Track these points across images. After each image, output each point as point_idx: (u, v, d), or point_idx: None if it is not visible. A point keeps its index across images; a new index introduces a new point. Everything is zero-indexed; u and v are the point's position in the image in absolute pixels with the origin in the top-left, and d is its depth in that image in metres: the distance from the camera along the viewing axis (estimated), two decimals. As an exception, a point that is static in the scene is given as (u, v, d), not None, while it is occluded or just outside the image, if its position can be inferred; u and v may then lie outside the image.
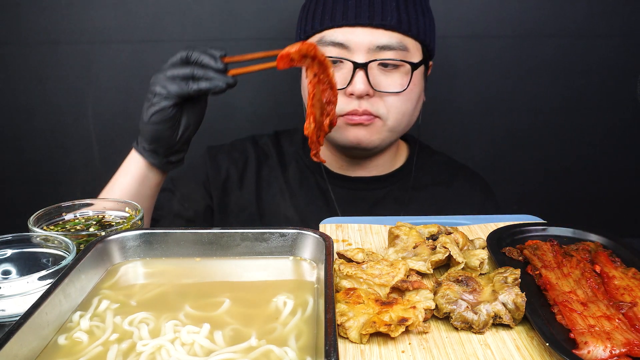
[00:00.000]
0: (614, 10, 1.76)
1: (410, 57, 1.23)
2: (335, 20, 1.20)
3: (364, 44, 1.19)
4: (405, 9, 1.22)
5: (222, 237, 0.88)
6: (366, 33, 1.19)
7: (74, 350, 0.67)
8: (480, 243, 0.92)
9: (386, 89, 1.22)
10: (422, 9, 1.26)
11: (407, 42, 1.22)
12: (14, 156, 1.85)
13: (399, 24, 1.20)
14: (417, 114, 1.33)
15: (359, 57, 1.19)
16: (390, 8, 1.20)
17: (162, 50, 1.77)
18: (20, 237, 0.90)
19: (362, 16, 1.19)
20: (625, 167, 1.93)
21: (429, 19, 1.28)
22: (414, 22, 1.22)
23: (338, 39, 1.20)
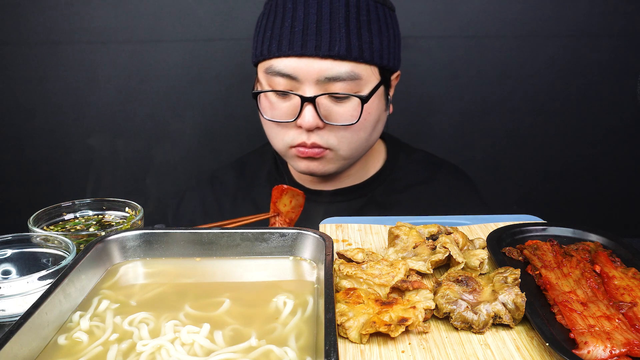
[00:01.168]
0: (614, 10, 1.76)
1: (364, 85, 1.17)
2: (282, 50, 1.14)
3: (312, 75, 1.13)
4: (357, 34, 1.14)
5: (222, 237, 0.88)
6: (314, 63, 1.13)
7: (74, 350, 0.67)
8: (480, 243, 0.92)
9: (337, 121, 1.17)
10: (378, 29, 1.17)
11: (360, 69, 1.15)
12: (14, 156, 1.85)
13: (349, 53, 1.13)
14: (377, 134, 1.28)
15: (307, 88, 1.14)
16: (338, 36, 1.13)
17: (162, 50, 1.78)
18: (20, 237, 0.90)
19: (309, 46, 1.12)
20: (625, 167, 1.93)
21: (387, 36, 1.20)
22: (367, 46, 1.15)
23: (285, 70, 1.14)
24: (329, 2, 1.14)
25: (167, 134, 1.86)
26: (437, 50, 1.80)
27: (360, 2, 1.16)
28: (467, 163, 1.90)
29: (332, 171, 1.26)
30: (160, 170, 1.91)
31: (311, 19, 1.13)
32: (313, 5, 1.14)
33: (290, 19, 1.14)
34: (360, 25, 1.15)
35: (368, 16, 1.16)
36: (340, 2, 1.14)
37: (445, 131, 1.89)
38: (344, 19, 1.14)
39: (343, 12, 1.14)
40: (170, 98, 1.82)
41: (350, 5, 1.15)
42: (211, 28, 1.75)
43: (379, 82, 1.19)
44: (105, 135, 1.85)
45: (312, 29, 1.13)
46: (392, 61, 1.22)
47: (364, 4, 1.16)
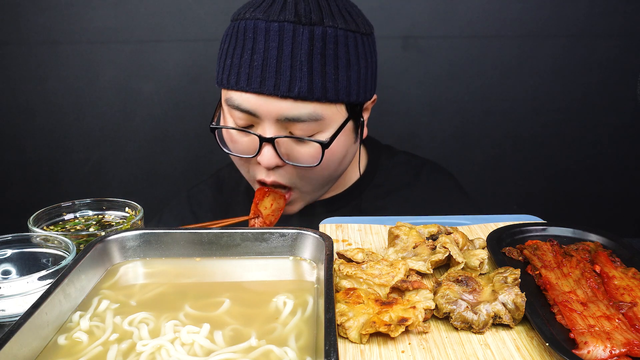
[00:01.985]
0: (614, 10, 1.76)
1: (328, 124, 1.09)
2: (240, 84, 1.06)
3: (271, 115, 1.06)
4: (321, 72, 1.05)
5: (222, 237, 0.88)
6: (273, 102, 1.05)
7: (74, 350, 0.67)
8: (480, 243, 0.92)
9: (298, 161, 1.10)
10: (346, 62, 1.07)
11: (323, 109, 1.07)
12: (14, 156, 1.85)
13: (310, 93, 1.04)
14: (345, 166, 1.21)
15: (267, 127, 1.08)
16: (300, 75, 1.03)
17: (162, 50, 1.78)
18: (20, 237, 0.90)
19: (267, 85, 1.04)
20: (625, 167, 1.93)
21: (357, 69, 1.10)
22: (332, 85, 1.06)
23: (243, 105, 1.07)
24: (292, 35, 1.04)
25: (166, 133, 1.86)
26: (437, 50, 1.80)
27: (327, 33, 1.05)
28: (468, 163, 1.91)
29: (301, 207, 1.23)
30: (160, 170, 1.91)
31: (271, 53, 1.04)
32: (274, 38, 1.04)
33: (250, 51, 1.06)
34: (326, 61, 1.05)
35: (335, 49, 1.06)
36: (303, 35, 1.04)
37: (445, 131, 1.89)
38: (306, 56, 1.04)
39: (306, 47, 1.04)
40: (170, 98, 1.82)
41: (315, 39, 1.04)
42: (211, 28, 1.75)
43: (345, 119, 1.12)
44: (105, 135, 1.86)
45: (271, 65, 1.04)
46: (362, 95, 1.13)
47: (332, 36, 1.05)
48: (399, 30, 1.77)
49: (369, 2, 1.74)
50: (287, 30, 1.04)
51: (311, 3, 1.06)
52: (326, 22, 1.05)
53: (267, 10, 1.06)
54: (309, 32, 1.04)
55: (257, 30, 1.06)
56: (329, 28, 1.05)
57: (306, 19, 1.04)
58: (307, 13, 1.05)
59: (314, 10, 1.05)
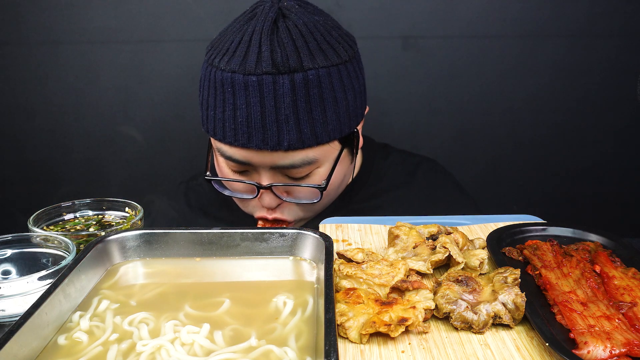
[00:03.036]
0: (614, 10, 1.76)
1: (324, 161, 1.09)
2: (227, 140, 1.04)
3: (264, 164, 1.05)
4: (308, 119, 1.02)
5: (222, 237, 0.88)
6: (264, 155, 1.04)
7: (74, 350, 0.67)
8: (480, 243, 0.92)
9: (298, 198, 1.11)
10: (333, 99, 1.03)
11: (315, 152, 1.06)
12: (14, 156, 1.85)
13: (300, 142, 1.02)
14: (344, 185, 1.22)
15: (262, 173, 1.08)
16: (287, 128, 1.00)
17: (162, 50, 1.78)
18: (20, 237, 0.90)
19: (255, 140, 1.01)
20: (626, 167, 1.93)
21: (344, 101, 1.06)
22: (321, 128, 1.03)
23: (235, 157, 1.06)
24: (272, 89, 0.99)
25: (167, 133, 1.86)
26: (437, 50, 1.80)
27: (308, 78, 1.00)
28: (467, 163, 1.91)
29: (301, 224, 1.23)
30: (160, 170, 1.91)
31: (254, 109, 1.00)
32: (254, 93, 1.00)
33: (232, 106, 1.02)
34: (312, 106, 1.02)
35: (320, 92, 1.02)
36: (284, 86, 0.99)
37: (445, 131, 1.89)
38: (290, 107, 1.00)
39: (289, 98, 1.00)
40: (170, 98, 1.82)
41: (296, 87, 1.00)
42: (211, 28, 1.75)
43: (340, 150, 1.11)
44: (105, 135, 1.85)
45: (256, 120, 1.00)
46: (353, 124, 1.11)
47: (314, 79, 1.01)
48: (399, 30, 1.77)
49: (369, 2, 1.74)
50: (267, 83, 0.99)
51: (287, 47, 1.01)
52: (306, 65, 1.00)
53: (242, 63, 1.00)
54: (289, 81, 0.99)
55: (234, 85, 1.01)
56: (310, 71, 1.00)
57: (284, 67, 0.99)
58: (285, 60, 0.99)
59: (291, 55, 1.00)
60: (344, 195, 1.29)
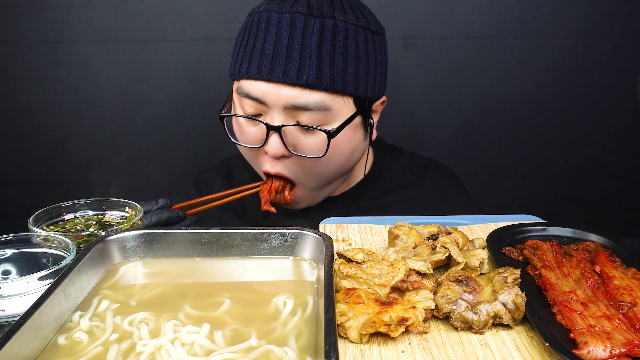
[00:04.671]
0: (614, 10, 1.76)
1: (335, 116, 1.10)
2: (251, 72, 1.09)
3: (279, 102, 1.08)
4: (330, 62, 1.07)
5: (222, 237, 0.88)
6: (281, 90, 1.07)
7: (74, 350, 0.67)
8: (480, 243, 0.92)
9: (304, 152, 1.11)
10: (355, 56, 1.09)
11: (330, 100, 1.08)
12: (14, 156, 1.85)
13: (318, 82, 1.06)
14: (352, 163, 1.22)
15: (275, 115, 1.10)
16: (309, 63, 1.06)
17: (162, 50, 1.78)
18: (20, 237, 0.90)
19: (277, 72, 1.06)
20: (625, 167, 1.93)
21: (365, 64, 1.11)
22: (340, 75, 1.08)
23: (253, 94, 1.09)
24: (303, 26, 1.07)
25: (167, 134, 1.86)
26: (437, 50, 1.80)
27: (338, 26, 1.08)
28: (467, 163, 1.91)
29: (308, 203, 1.23)
30: (160, 171, 1.91)
31: (282, 42, 1.07)
32: (286, 28, 1.07)
33: (262, 41, 1.09)
34: (335, 52, 1.07)
35: (345, 42, 1.09)
36: (314, 26, 1.07)
37: (446, 131, 1.89)
38: (316, 45, 1.06)
39: (316, 37, 1.07)
40: (171, 98, 1.82)
41: (325, 30, 1.07)
42: (211, 28, 1.75)
43: (353, 113, 1.13)
44: (105, 135, 1.85)
45: (281, 53, 1.07)
46: (370, 90, 1.14)
47: (342, 29, 1.08)
48: (399, 30, 1.77)
49: (369, 2, 1.74)
50: (299, 20, 1.07)
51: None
52: (337, 16, 1.08)
53: (280, 3, 1.10)
54: (319, 24, 1.07)
55: (269, 21, 1.09)
56: (340, 22, 1.08)
57: (318, 12, 1.08)
58: (319, 6, 1.08)
59: (326, 4, 1.09)
60: (355, 192, 1.31)
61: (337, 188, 1.29)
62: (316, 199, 1.25)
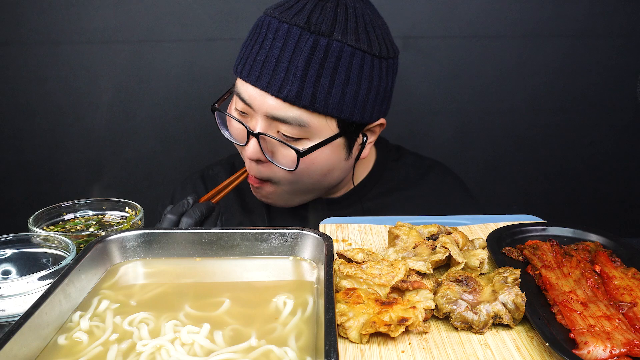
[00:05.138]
0: (614, 10, 1.76)
1: (314, 133, 1.09)
2: (243, 74, 1.11)
3: (262, 110, 1.09)
4: (315, 81, 1.05)
5: (222, 237, 0.88)
6: (265, 99, 1.08)
7: (74, 350, 0.67)
8: (480, 243, 0.92)
9: (278, 161, 1.12)
10: (345, 79, 1.07)
11: (309, 118, 1.07)
12: (14, 156, 1.85)
13: (298, 99, 1.05)
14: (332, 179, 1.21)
15: (258, 120, 1.11)
16: (293, 78, 1.05)
17: (162, 50, 1.78)
18: (20, 237, 0.90)
19: (263, 80, 1.07)
20: (625, 167, 1.93)
21: (356, 88, 1.08)
22: (322, 96, 1.06)
23: (243, 95, 1.11)
24: (296, 40, 1.06)
25: (167, 133, 1.86)
26: (437, 50, 1.80)
27: (332, 46, 1.05)
28: (467, 163, 1.91)
29: (281, 204, 1.24)
30: (160, 170, 1.91)
31: (274, 52, 1.07)
32: (281, 38, 1.07)
33: (259, 45, 1.10)
34: (323, 72, 1.05)
35: (336, 63, 1.06)
36: (307, 43, 1.05)
37: (446, 131, 1.89)
38: (303, 62, 1.05)
39: (306, 54, 1.05)
40: (170, 98, 1.82)
41: (317, 48, 1.05)
42: (211, 28, 1.75)
43: (335, 134, 1.11)
44: (105, 135, 1.85)
45: (271, 62, 1.07)
46: (358, 115, 1.11)
47: (336, 49, 1.06)
48: (399, 30, 1.77)
49: (369, 2, 1.74)
50: (294, 34, 1.06)
51: (327, 14, 1.07)
52: (335, 35, 1.06)
53: (284, 12, 1.09)
54: (313, 41, 1.05)
55: (269, 28, 1.10)
56: (336, 42, 1.06)
57: (315, 28, 1.06)
58: (319, 23, 1.06)
59: (327, 22, 1.06)
60: (357, 192, 1.31)
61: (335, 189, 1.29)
62: (290, 202, 1.25)
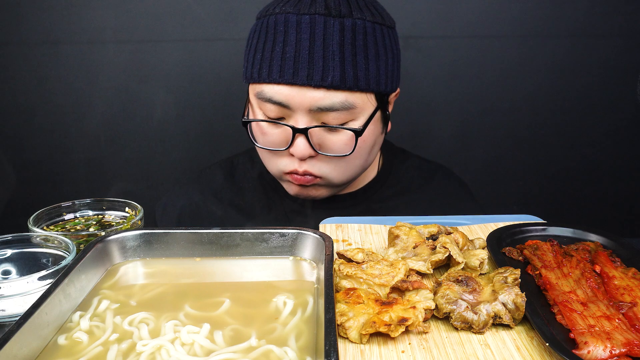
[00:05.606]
0: (614, 10, 1.76)
1: (359, 113, 1.11)
2: (272, 77, 1.08)
3: (304, 105, 1.07)
4: (352, 62, 1.08)
5: (222, 237, 0.88)
6: (306, 92, 1.06)
7: (74, 350, 0.67)
8: (480, 243, 0.92)
9: (330, 150, 1.12)
10: (375, 53, 1.10)
11: (354, 98, 1.09)
12: (14, 156, 1.85)
13: (343, 82, 1.07)
14: (373, 157, 1.23)
15: (300, 117, 1.09)
16: (332, 64, 1.06)
17: (162, 50, 1.78)
18: (20, 237, 0.90)
19: (300, 75, 1.06)
20: (625, 167, 1.93)
21: (384, 60, 1.12)
22: (362, 74, 1.09)
23: (276, 98, 1.08)
24: (323, 27, 1.07)
25: (167, 134, 1.86)
26: (437, 50, 1.80)
27: (357, 25, 1.09)
28: (467, 163, 1.91)
29: (326, 195, 1.23)
30: (160, 170, 1.91)
31: (303, 44, 1.07)
32: (306, 30, 1.07)
33: (282, 44, 1.08)
34: (356, 51, 1.08)
35: (365, 40, 1.09)
36: (334, 27, 1.07)
37: (446, 131, 1.89)
38: (338, 46, 1.07)
39: (337, 38, 1.07)
40: (170, 98, 1.82)
41: (345, 30, 1.08)
42: (211, 28, 1.75)
43: (375, 108, 1.14)
44: (105, 135, 1.85)
45: (304, 56, 1.06)
46: (389, 85, 1.16)
47: (361, 27, 1.09)
48: (399, 30, 1.75)
49: (369, 2, 1.74)
50: (319, 22, 1.07)
51: None
52: (355, 14, 1.09)
53: (297, 5, 1.09)
54: (339, 24, 1.07)
55: (288, 24, 1.08)
56: (358, 20, 1.09)
57: (336, 12, 1.08)
58: (337, 6, 1.08)
59: (343, 4, 1.09)
60: (364, 192, 1.31)
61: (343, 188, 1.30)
62: (335, 192, 1.25)
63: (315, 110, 1.08)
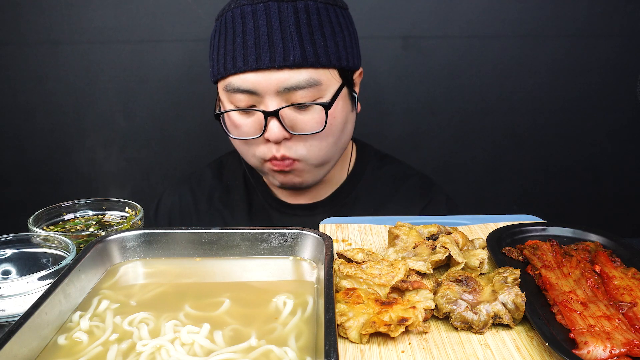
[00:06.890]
0: (614, 10, 1.76)
1: (325, 89, 1.14)
2: (237, 66, 1.12)
3: (271, 88, 1.11)
4: (310, 40, 1.12)
5: (222, 237, 0.88)
6: (271, 76, 1.10)
7: (74, 350, 0.67)
8: (480, 243, 0.92)
9: (303, 130, 1.14)
10: (331, 31, 1.15)
11: (318, 74, 1.12)
12: (14, 156, 1.85)
13: (304, 60, 1.11)
14: (347, 136, 1.25)
15: (269, 101, 1.12)
16: (292, 44, 1.10)
17: (162, 50, 1.78)
18: (20, 237, 0.90)
19: (263, 59, 1.10)
20: (625, 167, 1.93)
21: (342, 37, 1.17)
22: (322, 50, 1.13)
23: (244, 86, 1.12)
24: (277, 12, 1.12)
25: (167, 133, 1.86)
26: (437, 50, 1.80)
27: (309, 6, 1.13)
28: (467, 163, 1.91)
29: (310, 182, 1.24)
30: (160, 170, 1.91)
31: (262, 30, 1.11)
32: (262, 17, 1.12)
33: (242, 34, 1.12)
34: (312, 30, 1.13)
35: (319, 20, 1.14)
36: (288, 10, 1.12)
37: (446, 131, 1.89)
38: (294, 27, 1.11)
39: (292, 19, 1.12)
40: (170, 98, 1.82)
41: (299, 12, 1.12)
42: (211, 28, 1.75)
43: (340, 84, 1.17)
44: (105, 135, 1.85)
45: (264, 41, 1.11)
46: (351, 61, 1.19)
47: (313, 8, 1.14)
48: (399, 30, 1.77)
49: (369, 2, 1.74)
50: (273, 8, 1.12)
51: None
52: None
53: None
54: (292, 7, 1.12)
55: (244, 14, 1.13)
56: (310, 2, 1.14)
57: None
58: None
59: None
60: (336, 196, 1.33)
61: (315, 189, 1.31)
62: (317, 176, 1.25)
63: (282, 91, 1.11)
